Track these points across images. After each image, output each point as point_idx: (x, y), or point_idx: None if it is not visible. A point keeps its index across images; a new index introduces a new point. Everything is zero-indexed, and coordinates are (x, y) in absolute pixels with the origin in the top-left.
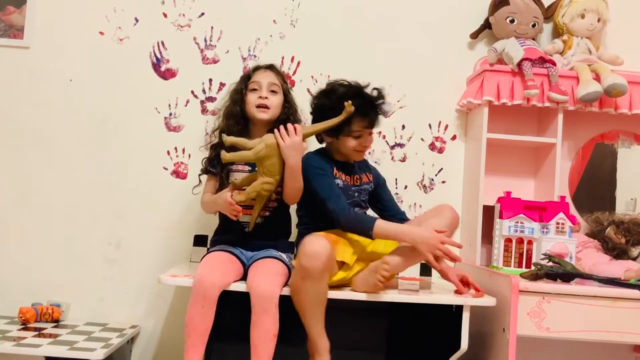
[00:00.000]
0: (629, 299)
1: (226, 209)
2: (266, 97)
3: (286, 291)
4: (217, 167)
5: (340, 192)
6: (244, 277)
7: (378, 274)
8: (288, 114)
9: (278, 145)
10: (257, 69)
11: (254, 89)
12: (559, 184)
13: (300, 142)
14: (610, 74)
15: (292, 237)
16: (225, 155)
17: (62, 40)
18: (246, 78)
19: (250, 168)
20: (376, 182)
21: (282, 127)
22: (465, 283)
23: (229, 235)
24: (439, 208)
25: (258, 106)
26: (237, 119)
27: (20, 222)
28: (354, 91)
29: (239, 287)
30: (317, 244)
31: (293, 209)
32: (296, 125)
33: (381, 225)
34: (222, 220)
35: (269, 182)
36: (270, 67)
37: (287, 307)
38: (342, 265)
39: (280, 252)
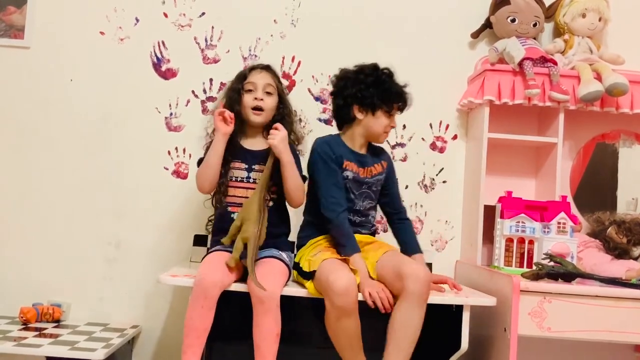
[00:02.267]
0: (630, 298)
1: (218, 124)
2: (261, 99)
3: (287, 291)
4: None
5: (341, 192)
6: (244, 277)
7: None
8: (283, 115)
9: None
10: (253, 69)
11: (250, 90)
12: (560, 183)
13: (286, 134)
14: (611, 74)
15: (292, 236)
16: (225, 240)
17: (62, 40)
18: (242, 78)
19: (246, 166)
20: (388, 170)
21: (272, 130)
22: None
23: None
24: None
25: (253, 108)
26: (234, 119)
27: (20, 222)
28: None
29: (240, 287)
30: (343, 279)
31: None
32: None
33: (354, 262)
34: (219, 221)
35: (247, 225)
36: (266, 68)
37: (289, 307)
38: None
39: (280, 252)
